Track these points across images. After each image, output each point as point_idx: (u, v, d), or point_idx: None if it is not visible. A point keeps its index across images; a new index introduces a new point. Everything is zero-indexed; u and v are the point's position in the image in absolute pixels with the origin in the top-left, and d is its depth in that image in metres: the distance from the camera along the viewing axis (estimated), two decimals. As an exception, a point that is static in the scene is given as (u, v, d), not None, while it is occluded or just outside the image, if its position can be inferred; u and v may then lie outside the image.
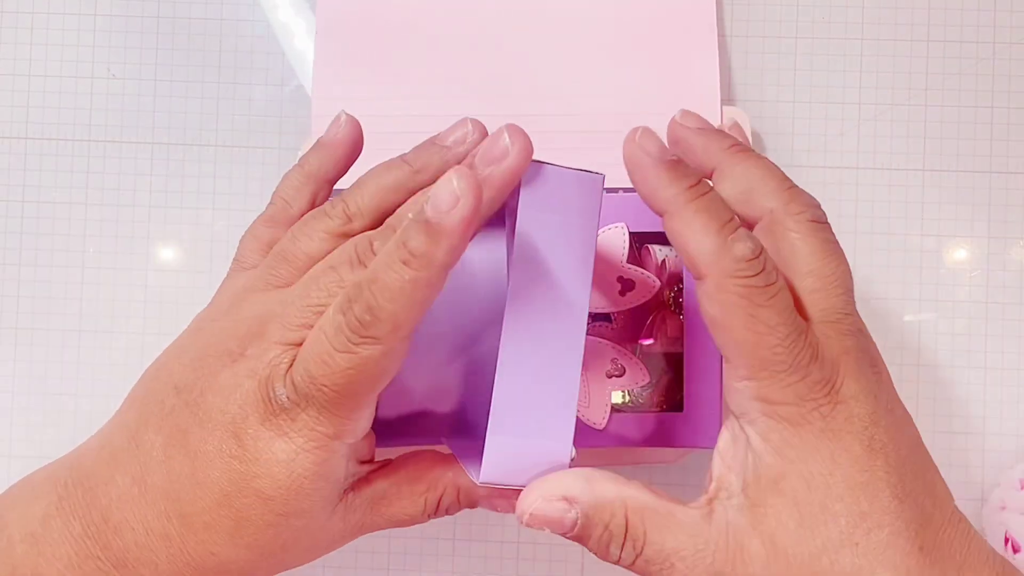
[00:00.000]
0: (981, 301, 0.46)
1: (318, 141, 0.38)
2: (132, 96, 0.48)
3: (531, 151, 0.32)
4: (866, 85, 0.46)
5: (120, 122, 0.48)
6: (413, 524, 0.36)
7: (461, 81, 0.45)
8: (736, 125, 0.42)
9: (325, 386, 0.31)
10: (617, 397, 0.41)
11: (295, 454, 0.32)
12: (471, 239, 0.31)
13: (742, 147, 0.34)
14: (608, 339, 0.41)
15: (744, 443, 0.33)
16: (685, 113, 0.35)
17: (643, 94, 0.44)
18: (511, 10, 0.45)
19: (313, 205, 0.37)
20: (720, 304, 0.32)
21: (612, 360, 0.41)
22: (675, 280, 0.40)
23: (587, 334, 0.40)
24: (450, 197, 0.29)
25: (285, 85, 0.48)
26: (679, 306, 0.41)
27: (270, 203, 0.37)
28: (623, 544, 0.32)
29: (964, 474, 0.45)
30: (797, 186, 0.34)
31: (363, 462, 0.35)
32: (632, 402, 0.42)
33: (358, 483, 0.35)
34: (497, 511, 0.37)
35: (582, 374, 0.40)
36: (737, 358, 0.32)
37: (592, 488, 0.32)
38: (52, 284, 0.47)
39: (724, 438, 0.34)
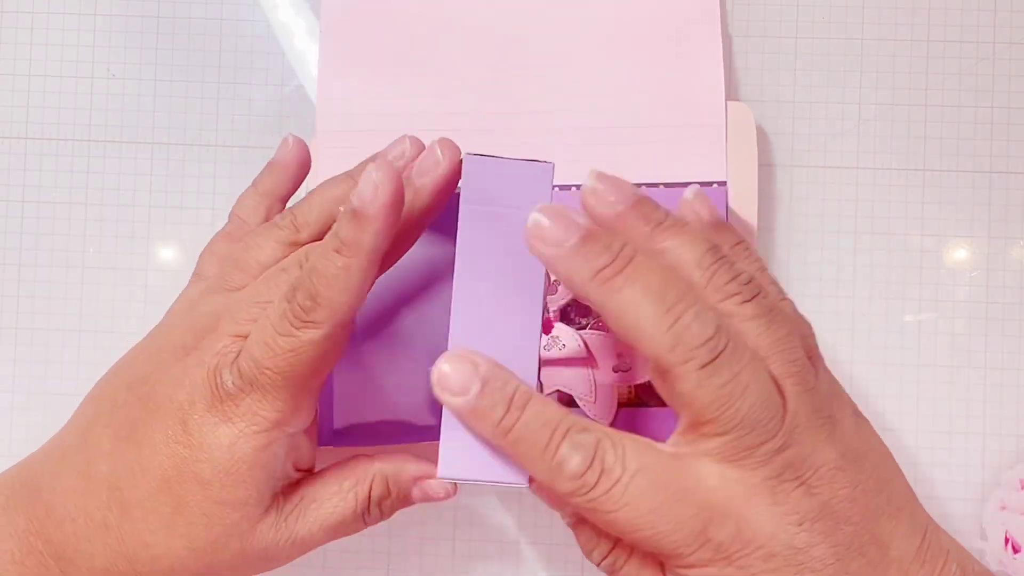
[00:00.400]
0: (981, 301, 0.46)
1: (269, 162, 0.40)
2: (132, 96, 0.48)
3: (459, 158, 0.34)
4: (866, 85, 0.46)
5: (120, 122, 0.48)
6: (348, 531, 0.37)
7: (463, 79, 0.45)
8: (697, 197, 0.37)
9: (268, 369, 0.32)
10: (624, 393, 0.41)
11: (236, 438, 0.33)
12: (400, 227, 0.33)
13: (609, 272, 0.29)
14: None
15: None
16: (536, 222, 0.30)
17: (646, 92, 0.44)
18: (513, 9, 0.45)
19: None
20: (589, 520, 0.32)
21: (619, 355, 0.41)
22: None
23: (594, 328, 0.40)
24: (371, 187, 0.31)
25: (285, 85, 0.48)
26: None
27: (228, 221, 0.40)
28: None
29: (964, 474, 0.45)
30: (681, 317, 0.29)
31: (300, 470, 0.36)
32: (639, 398, 0.42)
33: (289, 487, 0.36)
34: (433, 499, 0.37)
35: (588, 370, 0.40)
36: (636, 555, 0.32)
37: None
38: (52, 284, 0.47)
39: None
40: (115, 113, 0.48)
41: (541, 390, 0.39)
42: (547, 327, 0.35)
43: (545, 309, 0.36)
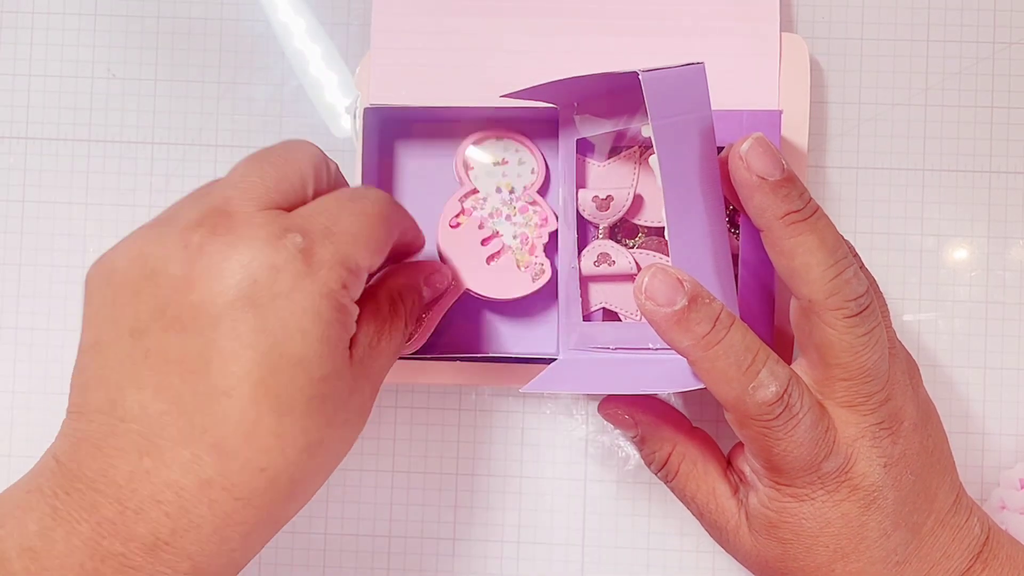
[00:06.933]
0: (981, 301, 0.46)
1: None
2: (132, 96, 0.48)
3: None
4: (866, 85, 0.46)
5: (120, 122, 0.48)
6: (406, 338, 0.37)
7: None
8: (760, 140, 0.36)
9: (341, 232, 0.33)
10: None
11: (317, 300, 0.31)
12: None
13: (797, 217, 0.33)
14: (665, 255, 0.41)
15: (748, 486, 0.37)
16: (752, 148, 0.33)
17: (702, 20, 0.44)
18: None
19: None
20: (742, 433, 0.34)
21: None
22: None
23: (642, 248, 0.42)
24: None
25: (285, 85, 0.48)
26: (735, 224, 0.41)
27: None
28: None
29: (964, 474, 0.45)
30: (844, 272, 0.33)
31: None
32: None
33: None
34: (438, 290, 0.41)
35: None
36: (757, 461, 0.35)
37: None
38: (52, 284, 0.47)
39: (742, 451, 0.38)
40: (115, 113, 0.48)
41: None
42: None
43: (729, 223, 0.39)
